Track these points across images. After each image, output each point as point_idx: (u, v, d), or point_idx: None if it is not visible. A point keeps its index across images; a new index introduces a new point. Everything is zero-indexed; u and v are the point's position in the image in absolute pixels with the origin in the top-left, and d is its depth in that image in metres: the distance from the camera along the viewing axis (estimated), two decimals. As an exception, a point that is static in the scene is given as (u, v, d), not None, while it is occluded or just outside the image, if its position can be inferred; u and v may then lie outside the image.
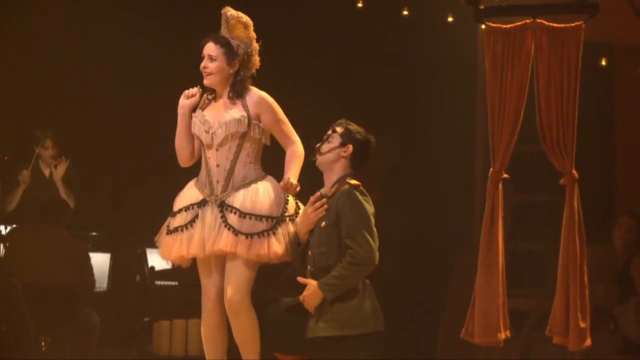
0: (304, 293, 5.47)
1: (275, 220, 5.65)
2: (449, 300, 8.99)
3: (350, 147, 5.57)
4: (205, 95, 5.84)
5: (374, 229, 5.45)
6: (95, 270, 8.60)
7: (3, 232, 8.74)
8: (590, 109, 9.13)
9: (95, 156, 9.46)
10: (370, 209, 5.47)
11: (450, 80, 9.22)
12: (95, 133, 9.37)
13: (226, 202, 5.67)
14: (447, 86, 9.27)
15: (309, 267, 5.56)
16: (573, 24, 5.97)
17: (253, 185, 5.70)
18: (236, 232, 5.61)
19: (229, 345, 5.88)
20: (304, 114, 6.12)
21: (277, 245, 5.64)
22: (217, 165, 5.72)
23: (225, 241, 5.60)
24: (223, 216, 5.64)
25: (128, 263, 9.49)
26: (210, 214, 5.67)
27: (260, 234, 5.61)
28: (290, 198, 5.77)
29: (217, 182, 5.72)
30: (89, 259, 8.42)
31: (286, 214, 5.70)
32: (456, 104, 9.33)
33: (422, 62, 9.54)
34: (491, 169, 6.10)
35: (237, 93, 5.75)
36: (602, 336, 7.79)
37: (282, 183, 5.61)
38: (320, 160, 5.61)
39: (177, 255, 5.75)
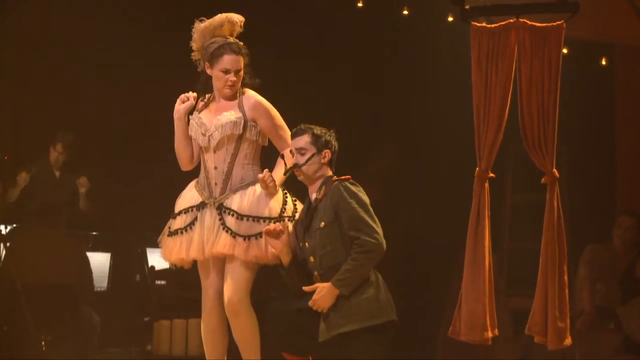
0: (315, 297, 5.43)
1: (273, 222, 5.63)
2: (449, 300, 8.98)
3: (328, 152, 5.58)
4: (203, 97, 5.83)
5: (375, 216, 5.45)
6: (95, 270, 8.60)
7: (3, 232, 8.74)
8: (591, 109, 9.17)
9: (95, 156, 9.45)
10: (366, 197, 5.48)
11: (450, 79, 9.21)
12: (95, 133, 9.36)
13: (224, 204, 5.67)
14: (447, 86, 9.26)
15: (315, 272, 5.55)
16: (554, 23, 5.98)
17: (251, 187, 5.70)
18: (234, 234, 5.61)
19: (229, 345, 5.88)
20: (303, 115, 6.11)
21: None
22: (215, 168, 5.72)
23: (223, 243, 5.60)
24: (221, 218, 5.64)
25: (128, 263, 9.48)
26: (209, 216, 5.67)
27: (257, 235, 5.61)
28: (289, 199, 5.77)
29: (216, 184, 5.72)
30: (87, 260, 8.41)
31: (284, 214, 5.70)
32: (456, 104, 9.31)
33: (422, 62, 9.54)
34: (477, 168, 6.11)
35: (235, 94, 5.75)
36: (602, 336, 7.81)
37: (259, 176, 5.61)
38: (303, 176, 5.59)
39: (177, 258, 5.76)
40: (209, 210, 5.69)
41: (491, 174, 6.11)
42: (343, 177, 5.54)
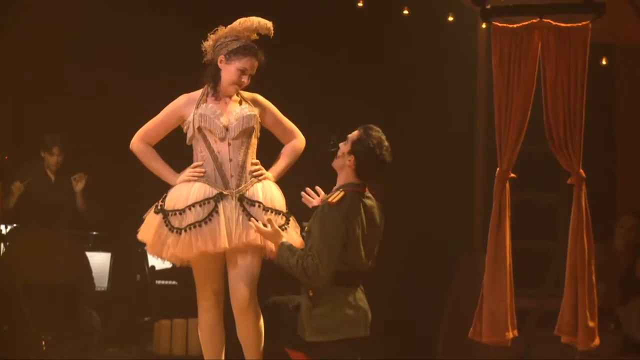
0: (260, 226, 5.48)
1: (287, 215, 5.71)
2: (449, 300, 8.99)
3: (352, 159, 5.48)
4: (205, 87, 5.83)
5: (333, 253, 5.31)
6: (95, 269, 8.59)
7: (3, 232, 8.74)
8: (591, 109, 9.16)
9: (95, 155, 9.45)
10: (337, 230, 5.33)
11: (450, 79, 9.22)
12: (95, 132, 9.36)
13: (246, 195, 5.67)
14: (448, 86, 9.27)
15: None
16: (580, 24, 5.98)
17: (265, 181, 5.74)
18: (264, 226, 5.59)
19: (228, 346, 5.86)
20: (304, 114, 6.11)
21: (297, 239, 5.66)
22: (230, 160, 5.70)
23: (255, 234, 5.58)
24: (244, 209, 5.63)
25: (128, 262, 9.47)
26: (230, 208, 5.63)
27: (282, 227, 5.64)
28: None
29: (232, 176, 5.69)
30: (87, 260, 8.40)
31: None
32: (457, 104, 9.33)
33: (423, 62, 9.54)
34: (498, 169, 6.10)
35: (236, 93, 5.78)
36: (602, 336, 7.81)
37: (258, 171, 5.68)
38: (333, 162, 5.55)
39: (199, 252, 5.61)
40: (228, 201, 5.64)
41: (512, 174, 6.11)
42: (331, 201, 5.36)
